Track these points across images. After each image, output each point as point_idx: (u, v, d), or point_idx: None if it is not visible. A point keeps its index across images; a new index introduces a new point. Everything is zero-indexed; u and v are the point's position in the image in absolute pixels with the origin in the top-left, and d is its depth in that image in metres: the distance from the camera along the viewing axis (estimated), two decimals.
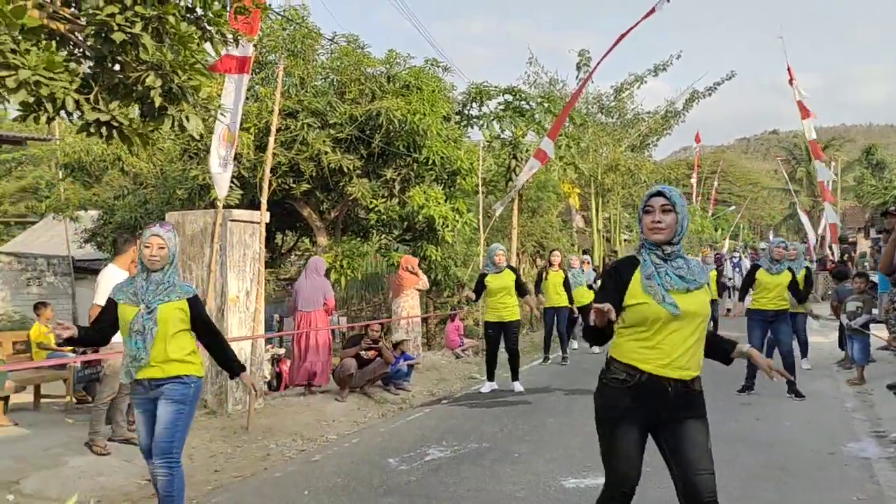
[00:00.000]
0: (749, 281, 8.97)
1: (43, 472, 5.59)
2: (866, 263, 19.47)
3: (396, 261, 12.76)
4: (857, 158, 57.93)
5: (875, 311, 9.89)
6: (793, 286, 8.59)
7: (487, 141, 15.32)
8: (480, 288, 9.33)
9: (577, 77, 19.82)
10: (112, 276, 6.27)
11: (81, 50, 6.11)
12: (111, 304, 4.24)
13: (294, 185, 12.19)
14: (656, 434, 3.12)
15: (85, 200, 18.53)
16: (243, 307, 7.91)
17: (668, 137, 22.02)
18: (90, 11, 5.44)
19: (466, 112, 15.03)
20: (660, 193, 3.12)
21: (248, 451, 6.55)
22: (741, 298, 9.93)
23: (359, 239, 14.52)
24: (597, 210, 21.45)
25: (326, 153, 11.80)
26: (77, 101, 5.37)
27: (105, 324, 4.27)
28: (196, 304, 4.28)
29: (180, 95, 6.01)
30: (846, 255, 18.90)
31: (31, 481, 5.39)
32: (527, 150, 14.25)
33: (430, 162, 12.37)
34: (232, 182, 11.79)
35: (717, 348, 3.31)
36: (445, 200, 12.62)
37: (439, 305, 15.00)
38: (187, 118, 6.08)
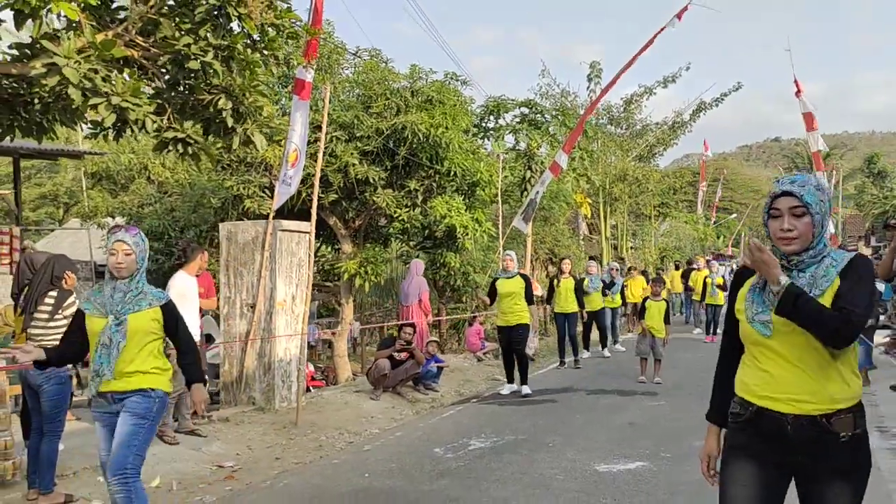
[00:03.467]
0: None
1: None
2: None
3: None
4: (859, 167, 58.61)
5: (882, 317, 10.47)
6: None
7: (500, 153, 15.93)
8: (493, 292, 9.84)
9: (588, 88, 20.48)
10: (181, 283, 6.89)
11: (152, 73, 6.76)
12: (79, 315, 3.99)
13: (322, 196, 12.80)
14: (796, 483, 2.59)
15: (113, 208, 19.14)
16: (289, 310, 8.50)
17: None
18: (167, 42, 6.09)
19: (483, 125, 15.62)
20: (788, 193, 2.51)
21: (301, 443, 7.14)
22: None
23: (380, 246, 15.13)
24: (605, 218, 22.04)
25: (354, 165, 12.39)
26: (154, 122, 6.00)
27: (74, 337, 3.99)
28: (170, 311, 4.02)
29: (247, 115, 6.67)
30: None
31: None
32: (542, 162, 14.85)
33: (452, 173, 12.96)
34: (263, 192, 12.45)
35: None
36: (466, 210, 13.22)
37: (450, 311, 15.58)
38: (252, 135, 6.74)
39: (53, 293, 5.18)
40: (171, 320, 4.01)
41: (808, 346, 2.45)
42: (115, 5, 6.09)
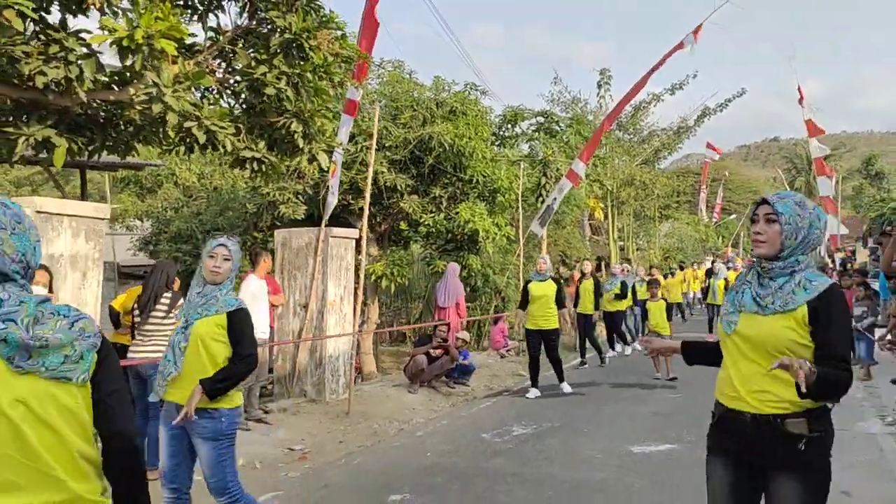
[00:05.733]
0: None
1: None
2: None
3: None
4: (858, 168, 59.43)
5: (880, 317, 11.22)
6: None
7: (513, 161, 16.67)
8: (525, 294, 10.15)
9: (598, 95, 21.26)
10: (254, 285, 7.66)
11: (226, 97, 7.53)
12: None
13: (353, 202, 13.55)
14: (763, 483, 2.71)
15: (141, 211, 19.86)
16: (338, 309, 9.25)
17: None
18: (244, 69, 6.85)
19: (500, 133, 16.36)
20: (766, 202, 2.76)
21: (357, 430, 7.88)
22: None
23: (402, 250, 15.87)
24: (612, 221, 22.82)
25: (382, 173, 13.14)
26: (232, 143, 6.76)
27: None
28: (237, 319, 3.85)
29: (313, 136, 7.43)
30: (847, 265, 20.22)
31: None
32: (557, 169, 15.60)
33: (474, 180, 13.71)
34: (297, 198, 13.18)
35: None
36: (487, 215, 13.97)
37: (471, 311, 16.32)
38: (317, 154, 7.51)
39: (168, 294, 5.91)
40: (236, 329, 3.83)
41: (767, 349, 2.61)
42: (190, 41, 6.73)
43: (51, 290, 5.26)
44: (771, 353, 2.59)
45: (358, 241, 10.05)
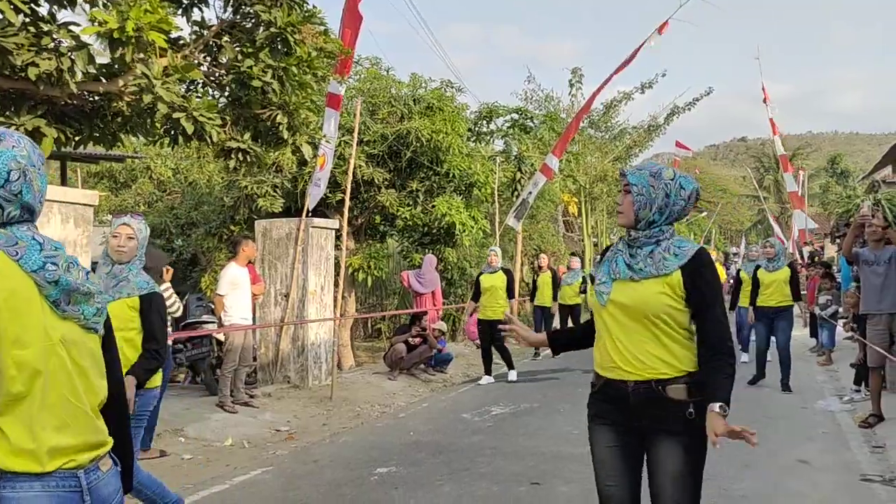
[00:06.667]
0: (755, 283, 9.16)
1: (195, 423, 7.09)
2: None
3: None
4: (824, 167, 60.62)
5: (840, 309, 11.68)
6: (793, 282, 8.93)
7: (489, 156, 16.98)
8: (477, 286, 10.41)
9: (569, 94, 21.64)
10: (232, 273, 7.86)
11: (212, 89, 7.71)
12: None
13: (330, 195, 13.74)
14: (645, 448, 2.75)
15: (115, 206, 19.86)
16: (319, 299, 9.46)
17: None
18: (231, 63, 7.05)
19: (476, 129, 16.65)
20: (623, 174, 2.81)
21: (340, 413, 8.11)
22: (732, 307, 10.66)
23: (379, 243, 16.09)
24: (586, 216, 23.22)
25: (360, 167, 13.35)
26: (219, 133, 6.95)
27: None
28: (149, 303, 3.80)
29: (298, 128, 7.64)
30: (815, 258, 20.78)
31: (190, 429, 6.91)
32: (532, 165, 15.92)
33: (451, 175, 13.97)
34: (274, 191, 13.33)
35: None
36: (464, 209, 14.24)
37: (447, 303, 16.58)
38: (301, 146, 7.72)
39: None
40: (147, 315, 3.77)
41: (643, 315, 2.64)
42: (174, 35, 6.88)
43: None
44: (649, 320, 2.63)
45: (338, 233, 10.26)
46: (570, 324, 14.29)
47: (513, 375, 10.06)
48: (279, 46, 7.02)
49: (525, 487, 5.01)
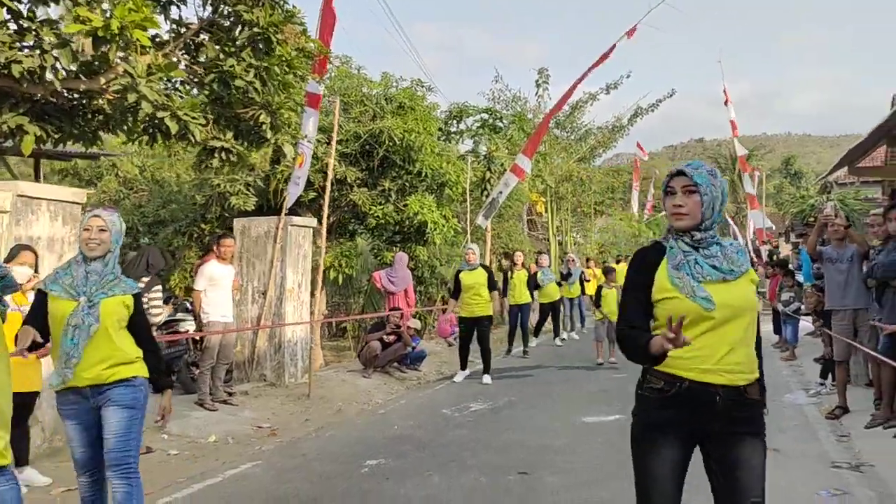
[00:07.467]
0: None
1: (177, 421, 7.07)
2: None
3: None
4: (778, 168, 62.10)
5: (802, 306, 12.06)
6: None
7: (459, 155, 17.14)
8: (457, 284, 10.43)
9: (536, 94, 21.88)
10: (209, 270, 7.88)
11: (194, 88, 7.73)
12: (41, 296, 3.70)
13: (303, 194, 13.75)
14: (705, 448, 2.69)
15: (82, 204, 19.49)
16: (296, 297, 9.51)
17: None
18: (213, 62, 7.08)
19: (446, 128, 16.78)
20: (681, 173, 2.70)
21: (320, 409, 8.18)
22: None
23: (349, 241, 16.14)
24: (552, 215, 23.50)
25: (333, 166, 13.40)
26: (201, 132, 6.98)
27: (37, 318, 3.66)
28: (139, 302, 3.82)
29: (280, 128, 7.69)
30: (773, 256, 21.34)
31: (173, 426, 6.90)
32: (501, 164, 16.11)
33: (423, 174, 14.09)
34: (247, 189, 13.30)
35: None
36: (436, 208, 14.36)
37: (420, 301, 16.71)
38: (283, 145, 7.77)
39: (146, 279, 6.11)
40: (137, 310, 3.78)
41: (747, 321, 2.64)
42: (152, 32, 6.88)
43: (36, 271, 5.41)
44: (746, 318, 2.64)
45: (316, 231, 10.32)
46: (550, 321, 14.53)
47: (487, 379, 9.91)
48: (261, 46, 7.05)
49: (513, 477, 5.16)
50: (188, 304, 9.36)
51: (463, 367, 10.25)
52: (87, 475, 3.71)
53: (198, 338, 8.59)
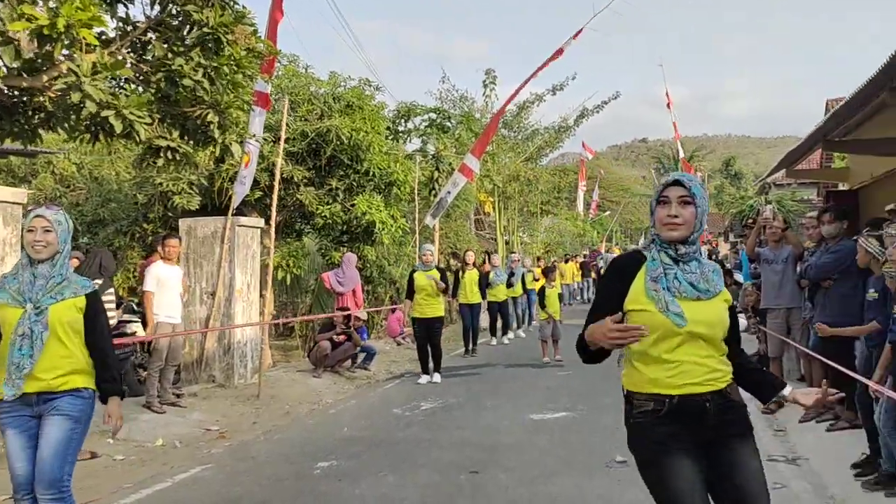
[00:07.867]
0: None
1: (124, 424, 6.98)
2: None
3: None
4: (718, 168, 63.75)
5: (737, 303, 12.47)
6: None
7: (407, 154, 17.20)
8: (411, 285, 10.35)
9: (483, 94, 22.10)
10: (156, 271, 7.79)
11: (140, 87, 7.63)
12: None
13: (249, 193, 13.63)
14: (709, 460, 2.64)
15: None
16: (245, 297, 9.45)
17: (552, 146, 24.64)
18: (161, 60, 7.01)
19: (394, 128, 16.82)
20: (678, 183, 2.67)
21: (270, 411, 8.16)
22: None
23: (297, 241, 16.06)
24: (499, 214, 23.74)
25: (281, 165, 13.32)
26: (147, 131, 6.91)
27: None
28: (94, 303, 3.62)
29: (228, 128, 7.65)
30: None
31: (119, 431, 6.81)
32: (449, 164, 16.22)
33: (371, 173, 14.11)
34: (191, 188, 13.13)
35: (758, 384, 2.84)
36: (384, 207, 14.40)
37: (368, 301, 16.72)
38: (231, 145, 7.73)
39: (99, 281, 6.01)
40: (92, 314, 3.60)
41: (711, 331, 2.61)
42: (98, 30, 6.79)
43: None
44: (714, 336, 2.63)
45: (264, 231, 10.26)
46: (499, 321, 14.61)
47: (437, 378, 9.93)
48: (210, 46, 7.00)
49: (465, 476, 5.26)
50: (133, 306, 9.22)
51: (425, 371, 10.02)
52: (28, 499, 3.45)
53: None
